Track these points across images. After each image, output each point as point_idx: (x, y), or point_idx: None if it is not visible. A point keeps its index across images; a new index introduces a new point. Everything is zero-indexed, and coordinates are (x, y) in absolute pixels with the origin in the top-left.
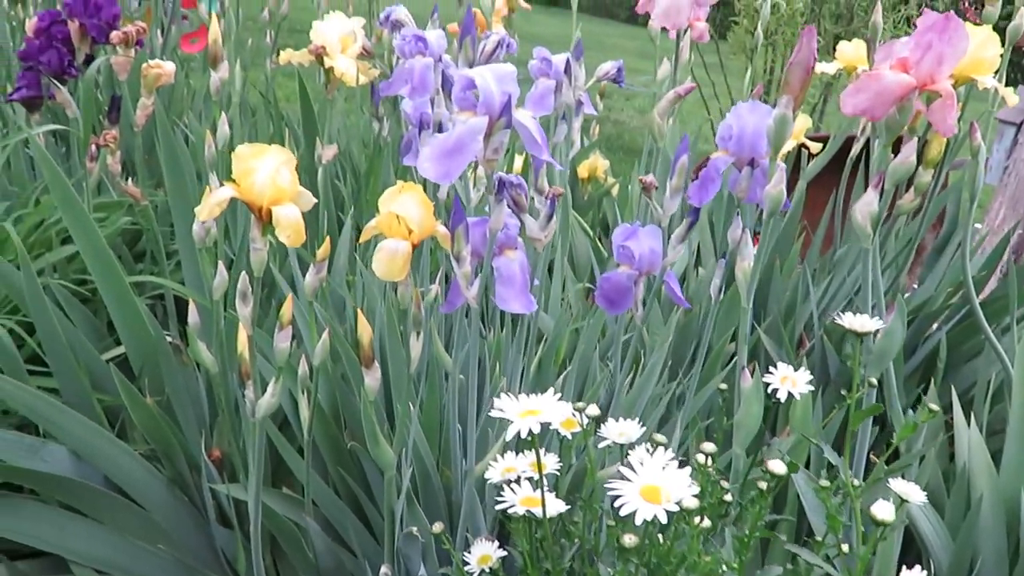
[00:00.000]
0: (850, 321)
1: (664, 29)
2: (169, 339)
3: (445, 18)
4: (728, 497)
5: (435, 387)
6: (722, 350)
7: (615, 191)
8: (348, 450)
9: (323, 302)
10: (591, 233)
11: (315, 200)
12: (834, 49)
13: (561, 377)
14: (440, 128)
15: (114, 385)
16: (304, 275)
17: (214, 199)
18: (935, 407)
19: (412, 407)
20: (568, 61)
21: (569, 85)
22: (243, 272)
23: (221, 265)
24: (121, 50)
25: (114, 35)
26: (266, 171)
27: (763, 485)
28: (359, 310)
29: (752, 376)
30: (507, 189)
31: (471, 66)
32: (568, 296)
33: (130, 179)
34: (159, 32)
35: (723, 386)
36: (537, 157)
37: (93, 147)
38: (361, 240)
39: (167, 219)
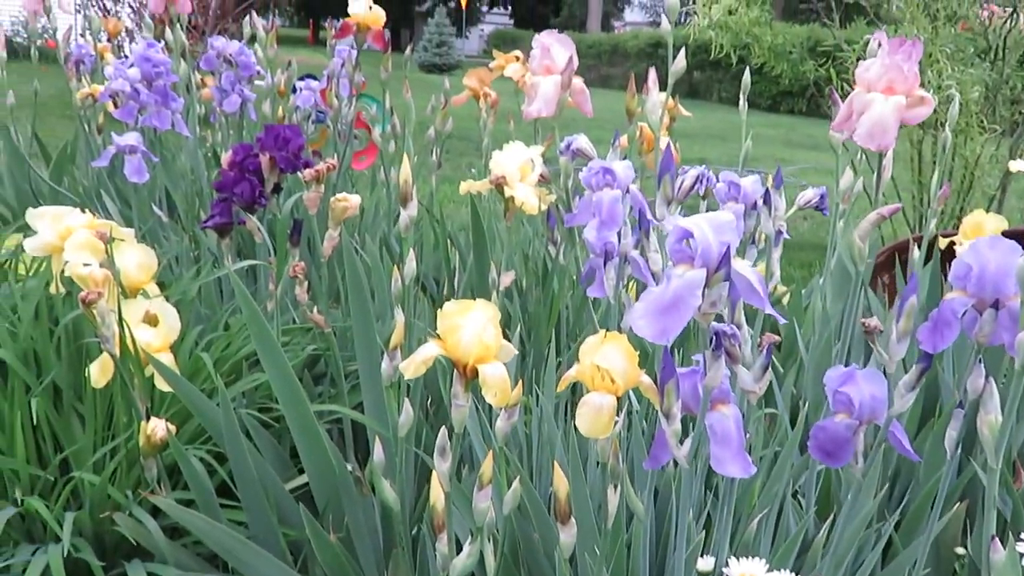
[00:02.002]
0: None
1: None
2: (350, 468)
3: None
4: None
5: (620, 533)
6: (933, 489)
7: (786, 299)
8: None
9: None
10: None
11: (515, 351)
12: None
13: (755, 522)
14: (625, 260)
15: (298, 517)
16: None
17: (420, 357)
18: None
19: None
20: (767, 191)
21: (768, 215)
22: (442, 428)
23: (407, 403)
24: (312, 186)
25: (307, 173)
26: (472, 329)
27: None
28: (555, 464)
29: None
30: (721, 339)
31: (669, 204)
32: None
33: (315, 308)
34: (335, 155)
35: (960, 551)
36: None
37: (273, 272)
38: (559, 389)
39: (344, 340)
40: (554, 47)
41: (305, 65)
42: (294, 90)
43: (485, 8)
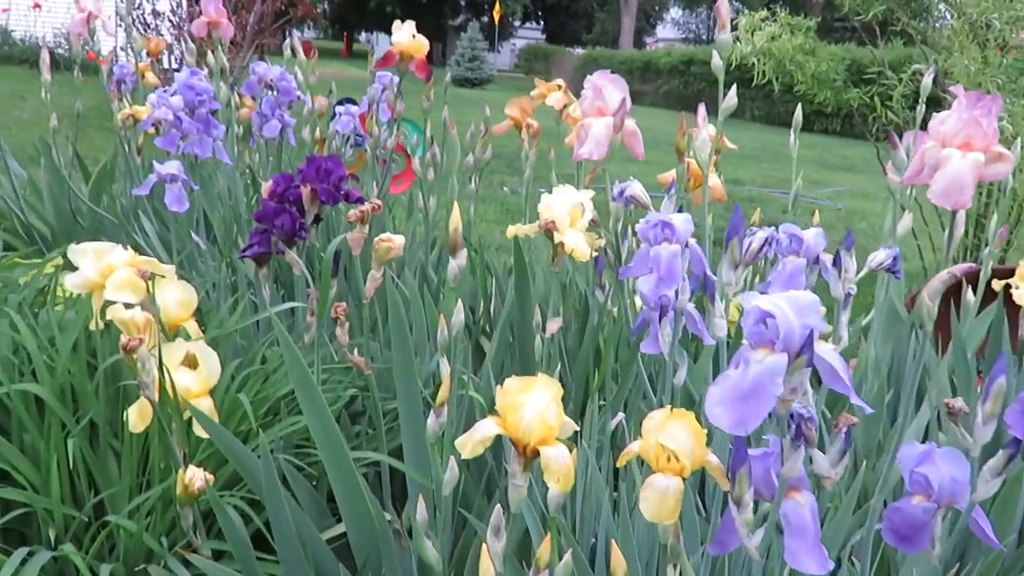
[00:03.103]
0: None
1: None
2: (388, 518)
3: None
4: None
5: None
6: (1000, 556)
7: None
8: None
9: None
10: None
11: (576, 427)
12: None
13: None
14: (679, 314)
15: (336, 571)
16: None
17: (477, 436)
18: None
19: None
20: (839, 253)
21: (839, 278)
22: (496, 507)
23: (453, 461)
24: (357, 226)
25: (352, 214)
26: (534, 408)
27: None
28: (614, 542)
29: None
30: (802, 427)
31: (736, 267)
32: None
33: (356, 349)
34: (373, 183)
35: None
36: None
37: (313, 302)
38: (619, 464)
39: (381, 376)
40: (607, 88)
41: (340, 81)
42: (333, 115)
43: (517, 23)
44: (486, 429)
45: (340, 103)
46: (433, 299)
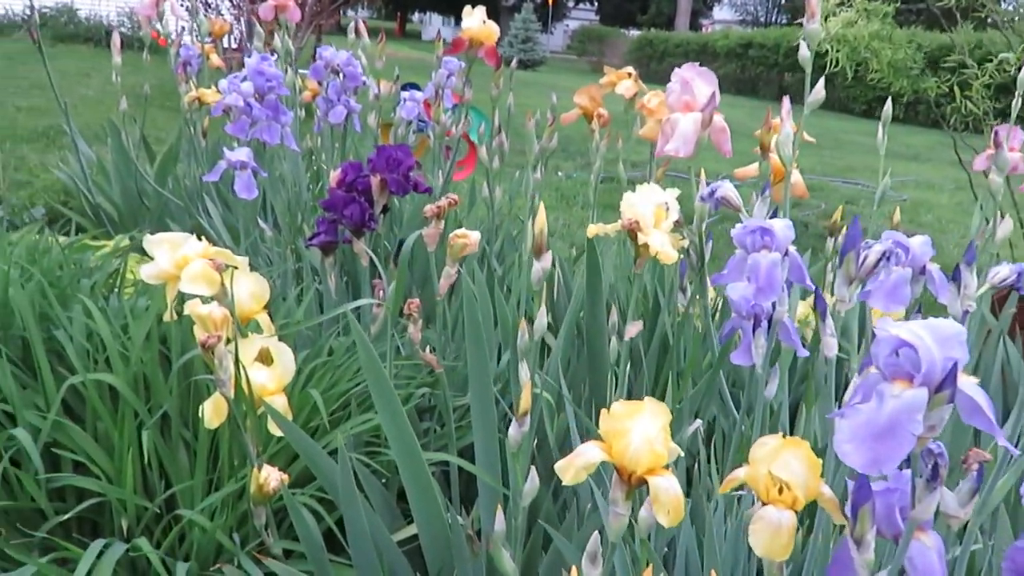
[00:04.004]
0: None
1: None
2: (461, 522)
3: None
4: None
5: None
6: None
7: None
8: None
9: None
10: None
11: (680, 452)
12: None
13: None
14: (769, 323)
15: (408, 572)
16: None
17: (580, 462)
18: None
19: None
20: (958, 268)
21: (957, 295)
22: (594, 533)
23: (534, 471)
24: (432, 222)
25: (429, 209)
26: (642, 436)
27: None
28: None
29: None
30: (939, 466)
31: (850, 282)
32: None
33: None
34: (438, 171)
35: None
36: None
37: (379, 292)
38: (721, 491)
39: (449, 373)
40: (695, 82)
41: (400, 64)
42: (398, 101)
43: (571, 4)
44: (590, 455)
45: (404, 88)
46: (493, 289)
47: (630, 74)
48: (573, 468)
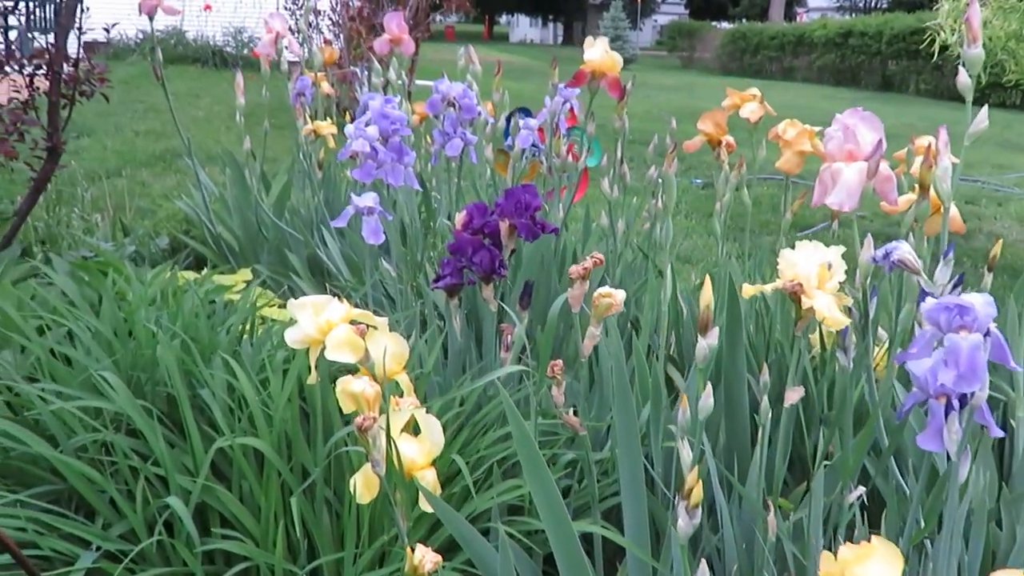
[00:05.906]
0: None
1: None
2: None
3: None
4: None
5: None
6: None
7: None
8: None
9: None
10: None
11: None
12: None
13: None
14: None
15: None
16: None
17: None
18: None
19: None
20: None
21: None
22: None
23: (704, 565)
24: (577, 283)
25: (574, 271)
26: None
27: None
28: None
29: None
30: None
31: None
32: None
33: (572, 409)
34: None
35: None
36: None
37: (508, 338)
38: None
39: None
40: (859, 128)
41: (491, 68)
42: (507, 131)
43: None
44: None
45: (517, 112)
46: (619, 331)
47: (755, 96)
48: None
